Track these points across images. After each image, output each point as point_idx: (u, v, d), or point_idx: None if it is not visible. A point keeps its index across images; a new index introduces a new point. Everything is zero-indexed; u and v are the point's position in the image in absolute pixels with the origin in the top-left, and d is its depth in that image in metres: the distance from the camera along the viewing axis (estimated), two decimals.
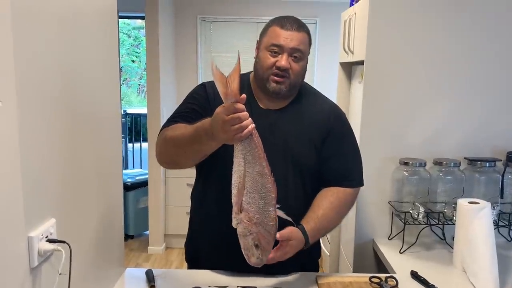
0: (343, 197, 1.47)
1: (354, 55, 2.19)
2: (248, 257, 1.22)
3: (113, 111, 1.41)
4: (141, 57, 10.90)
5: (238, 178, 1.20)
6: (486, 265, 1.46)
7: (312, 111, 1.49)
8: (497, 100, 1.92)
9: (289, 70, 1.38)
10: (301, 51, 1.38)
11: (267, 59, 1.39)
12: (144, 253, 3.90)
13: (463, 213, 1.57)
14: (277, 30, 1.38)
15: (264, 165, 1.18)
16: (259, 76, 1.43)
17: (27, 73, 0.87)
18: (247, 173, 1.19)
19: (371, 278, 1.42)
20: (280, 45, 1.37)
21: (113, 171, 1.41)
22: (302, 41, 1.39)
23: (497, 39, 1.89)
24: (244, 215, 1.19)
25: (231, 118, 1.12)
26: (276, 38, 1.37)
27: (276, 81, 1.39)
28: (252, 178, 1.18)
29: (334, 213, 1.44)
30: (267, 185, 1.19)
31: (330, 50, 3.94)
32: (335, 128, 1.49)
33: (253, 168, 1.18)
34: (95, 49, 1.23)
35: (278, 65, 1.37)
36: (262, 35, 1.44)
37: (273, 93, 1.41)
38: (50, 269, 0.97)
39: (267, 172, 1.18)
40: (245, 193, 1.19)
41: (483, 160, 1.84)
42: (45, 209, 0.96)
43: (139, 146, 5.85)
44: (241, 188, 1.19)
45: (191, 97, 1.50)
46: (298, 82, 1.44)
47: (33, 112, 0.90)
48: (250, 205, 1.19)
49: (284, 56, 1.37)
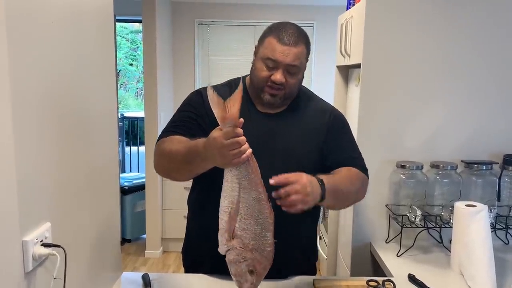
0: (356, 171, 1.45)
1: (351, 58, 2.19)
2: (241, 283, 1.17)
3: (109, 115, 1.40)
4: (139, 61, 10.90)
5: (230, 203, 1.15)
6: (484, 268, 1.46)
7: (312, 114, 1.49)
8: (494, 103, 1.93)
9: (284, 83, 1.37)
10: (297, 66, 1.37)
11: (262, 71, 1.38)
12: (141, 257, 3.88)
13: (460, 216, 1.57)
14: (274, 43, 1.35)
15: (261, 190, 1.14)
16: (254, 84, 1.43)
17: (21, 76, 0.86)
18: (242, 199, 1.14)
19: (369, 282, 1.42)
20: (276, 60, 1.35)
21: (109, 174, 1.41)
22: (299, 56, 1.36)
23: (495, 43, 1.89)
24: (236, 242, 1.14)
25: (231, 142, 1.11)
26: (272, 53, 1.35)
27: (271, 93, 1.39)
28: (248, 204, 1.14)
29: (348, 181, 1.39)
30: (264, 211, 1.15)
31: (327, 54, 3.95)
32: (334, 125, 1.50)
33: (249, 194, 1.14)
34: (91, 52, 1.22)
35: (273, 79, 1.36)
36: (260, 42, 1.42)
37: (267, 104, 1.42)
38: (45, 274, 0.97)
39: (264, 198, 1.15)
40: (238, 219, 1.14)
41: (480, 163, 1.84)
42: (40, 213, 0.96)
43: (137, 150, 5.84)
44: (234, 214, 1.14)
45: (188, 105, 1.49)
46: (293, 94, 1.44)
47: (28, 115, 0.89)
48: (245, 231, 1.14)
49: (279, 71, 1.35)
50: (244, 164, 1.15)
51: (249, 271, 1.15)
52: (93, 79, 1.24)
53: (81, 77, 1.16)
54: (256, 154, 1.40)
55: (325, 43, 4.08)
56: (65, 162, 1.07)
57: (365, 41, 1.89)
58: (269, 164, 1.41)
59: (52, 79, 0.99)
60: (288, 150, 1.43)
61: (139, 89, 11.27)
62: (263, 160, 1.41)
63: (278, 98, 1.40)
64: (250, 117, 1.45)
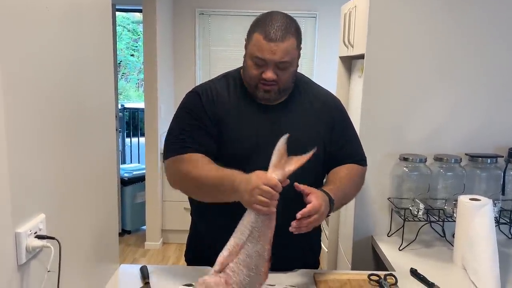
0: (356, 168, 1.50)
1: (354, 49, 2.15)
2: None
3: (108, 104, 1.38)
4: (140, 52, 10.84)
5: (235, 244, 1.17)
6: (487, 263, 1.43)
7: (312, 102, 1.47)
8: (499, 96, 1.89)
9: (276, 79, 1.34)
10: (287, 61, 1.33)
11: (252, 69, 1.35)
12: (141, 248, 3.87)
13: (464, 210, 1.55)
14: (261, 41, 1.30)
15: (267, 248, 1.17)
16: (247, 82, 1.40)
17: (13, 64, 0.84)
18: (247, 246, 1.16)
19: (370, 276, 1.40)
20: (264, 59, 1.31)
21: (108, 165, 1.38)
22: (288, 51, 1.31)
23: (501, 34, 1.85)
24: (223, 275, 1.14)
25: (266, 190, 1.14)
26: (259, 51, 1.30)
27: (264, 89, 1.36)
28: (248, 254, 1.15)
29: (351, 182, 1.45)
30: (260, 268, 1.16)
31: (330, 44, 3.91)
32: (338, 118, 1.50)
33: (255, 245, 1.16)
34: (89, 41, 1.19)
35: (264, 77, 1.33)
36: (248, 37, 1.38)
37: (262, 100, 1.40)
38: (39, 266, 0.94)
39: (266, 256, 1.16)
40: (234, 261, 1.15)
41: (484, 157, 1.82)
42: (34, 204, 0.93)
43: (137, 141, 5.82)
44: (233, 254, 1.16)
45: (188, 112, 1.43)
46: (288, 86, 1.41)
47: (21, 104, 0.86)
48: (234, 274, 1.14)
49: (269, 69, 1.32)
50: (263, 217, 1.17)
51: None
52: (91, 68, 1.21)
53: (79, 67, 1.13)
54: (262, 148, 1.38)
55: (328, 33, 4.03)
56: (60, 153, 1.04)
57: (369, 31, 1.86)
58: None
59: (46, 67, 0.97)
60: (295, 142, 1.41)
61: (140, 80, 11.22)
62: (267, 152, 1.39)
63: (273, 93, 1.37)
64: (251, 111, 1.42)
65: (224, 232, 1.45)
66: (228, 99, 1.43)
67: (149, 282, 1.36)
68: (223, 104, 1.42)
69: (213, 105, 1.41)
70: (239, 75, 1.47)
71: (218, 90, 1.44)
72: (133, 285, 1.35)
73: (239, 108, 1.42)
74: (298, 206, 1.33)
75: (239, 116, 1.41)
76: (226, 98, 1.43)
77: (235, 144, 1.39)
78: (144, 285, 1.35)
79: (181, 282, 1.35)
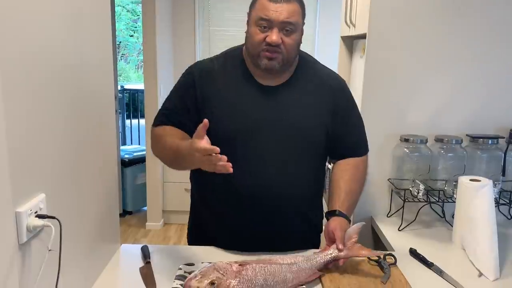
0: (362, 164, 1.53)
1: (356, 29, 2.13)
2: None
3: (107, 85, 1.36)
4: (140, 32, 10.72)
5: (269, 258, 1.26)
6: (486, 243, 1.44)
7: (316, 85, 1.45)
8: (500, 77, 1.87)
9: (281, 45, 1.31)
10: (292, 23, 1.30)
11: (256, 34, 1.32)
12: (142, 228, 3.91)
13: (464, 191, 1.55)
14: (265, 2, 1.29)
15: (288, 286, 1.21)
16: (250, 53, 1.37)
17: (13, 43, 0.82)
18: (277, 267, 1.21)
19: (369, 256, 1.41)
20: (269, 19, 1.28)
21: (107, 146, 1.38)
22: (293, 13, 1.30)
23: (504, 16, 1.82)
24: (238, 267, 1.17)
25: (200, 154, 1.14)
26: (264, 12, 1.29)
27: (268, 57, 1.32)
28: (274, 272, 1.19)
29: (358, 185, 1.49)
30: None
31: (331, 23, 3.86)
32: (342, 103, 1.47)
33: (285, 274, 1.21)
34: (86, 22, 1.17)
35: (269, 41, 1.29)
36: (250, 8, 1.36)
37: (265, 70, 1.35)
38: (40, 245, 0.95)
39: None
40: (259, 265, 1.19)
41: (485, 137, 1.81)
42: (34, 183, 0.93)
43: (137, 122, 5.80)
44: (261, 261, 1.22)
45: (180, 89, 1.46)
46: (292, 57, 1.37)
47: (19, 83, 0.85)
48: (250, 271, 1.17)
49: (274, 31, 1.29)
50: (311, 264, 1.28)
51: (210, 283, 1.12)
52: (89, 49, 1.20)
53: (76, 47, 1.11)
54: (261, 129, 1.38)
55: (330, 12, 3.97)
56: (60, 133, 1.04)
57: (371, 11, 1.83)
58: (275, 139, 1.39)
59: (46, 48, 0.95)
60: (294, 123, 1.39)
61: (140, 61, 11.14)
62: (267, 135, 1.39)
63: (277, 62, 1.33)
64: (251, 90, 1.40)
65: (224, 214, 1.46)
66: (223, 78, 1.41)
67: (150, 262, 1.37)
68: (217, 84, 1.41)
69: (204, 85, 1.40)
70: (239, 54, 1.45)
71: (214, 69, 1.43)
72: (134, 265, 1.36)
73: (236, 88, 1.41)
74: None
75: (235, 96, 1.40)
76: (222, 78, 1.41)
77: (226, 124, 1.37)
78: (145, 264, 1.36)
79: (181, 262, 1.36)
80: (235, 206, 1.42)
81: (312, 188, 1.50)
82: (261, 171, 1.38)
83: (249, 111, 1.39)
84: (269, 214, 1.41)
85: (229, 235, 1.46)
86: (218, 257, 1.37)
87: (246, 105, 1.40)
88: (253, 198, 1.38)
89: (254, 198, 1.38)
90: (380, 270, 1.34)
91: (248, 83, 1.40)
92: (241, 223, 1.43)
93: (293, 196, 1.43)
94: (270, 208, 1.40)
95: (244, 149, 1.37)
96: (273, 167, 1.38)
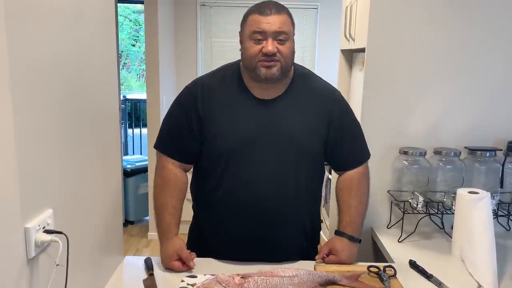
0: (363, 178, 1.55)
1: (355, 42, 2.16)
2: None
3: (111, 97, 1.39)
4: (142, 41, 10.80)
5: (272, 270, 1.30)
6: (485, 255, 1.46)
7: (311, 97, 1.47)
8: (498, 90, 1.90)
9: (277, 53, 1.34)
10: (285, 32, 1.34)
11: (252, 47, 1.35)
12: (144, 238, 3.92)
13: (463, 203, 1.57)
14: (256, 17, 1.34)
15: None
16: (248, 66, 1.40)
17: (21, 60, 0.85)
18: (279, 279, 1.24)
19: (369, 267, 1.42)
20: (263, 31, 1.33)
21: (112, 158, 1.40)
22: (284, 22, 1.35)
23: (500, 28, 1.86)
24: (240, 279, 1.23)
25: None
26: (257, 25, 1.33)
27: (266, 66, 1.35)
28: (276, 284, 1.23)
29: (362, 203, 1.53)
30: None
31: (331, 37, 3.89)
32: (337, 112, 1.49)
33: (286, 286, 1.24)
34: (93, 33, 1.21)
35: (265, 51, 1.33)
36: (242, 25, 1.40)
37: (266, 79, 1.38)
38: (48, 260, 0.97)
39: None
40: (261, 277, 1.24)
41: (483, 150, 1.83)
42: (42, 199, 0.96)
43: (139, 132, 5.82)
44: (263, 274, 1.26)
45: (179, 108, 1.49)
46: (288, 65, 1.40)
47: (28, 100, 0.88)
48: (252, 283, 1.22)
49: (269, 41, 1.33)
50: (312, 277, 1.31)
51: None
52: (95, 62, 1.23)
53: (83, 61, 1.14)
54: (258, 142, 1.41)
55: (329, 26, 4.01)
56: (67, 147, 1.07)
57: (370, 25, 1.86)
58: (272, 151, 1.41)
59: (52, 63, 0.98)
60: (291, 137, 1.42)
61: (141, 70, 11.20)
62: (265, 148, 1.41)
63: (276, 70, 1.36)
64: (248, 104, 1.43)
65: (224, 226, 1.48)
66: (223, 93, 1.44)
67: (153, 274, 1.39)
68: (217, 99, 1.43)
69: (206, 101, 1.43)
70: (237, 68, 1.48)
71: (214, 85, 1.46)
72: (138, 277, 1.38)
73: (235, 102, 1.44)
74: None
75: (234, 111, 1.43)
76: (221, 93, 1.44)
77: (228, 138, 1.41)
78: (149, 276, 1.38)
79: (184, 274, 1.38)
80: (234, 218, 1.45)
81: (309, 199, 1.53)
82: (259, 183, 1.41)
83: (246, 125, 1.42)
84: (267, 225, 1.44)
85: (227, 245, 1.48)
86: (220, 269, 1.39)
87: (244, 119, 1.43)
88: (253, 209, 1.41)
89: (253, 210, 1.41)
90: (380, 282, 1.36)
91: (246, 98, 1.43)
92: (239, 234, 1.45)
93: (291, 207, 1.45)
94: (268, 219, 1.43)
95: (242, 162, 1.40)
96: (271, 179, 1.41)
